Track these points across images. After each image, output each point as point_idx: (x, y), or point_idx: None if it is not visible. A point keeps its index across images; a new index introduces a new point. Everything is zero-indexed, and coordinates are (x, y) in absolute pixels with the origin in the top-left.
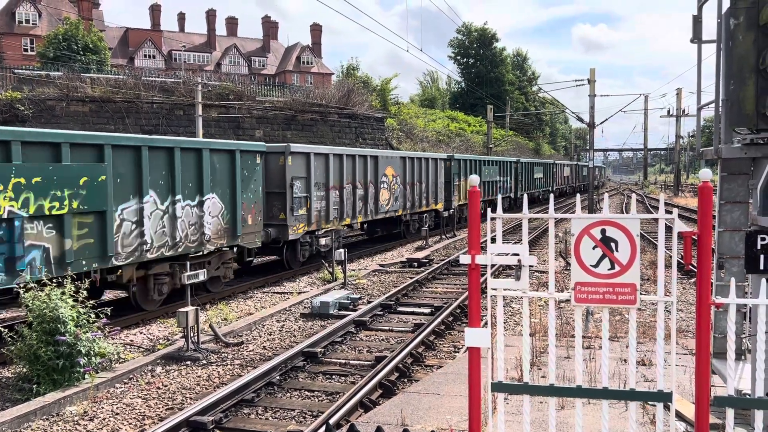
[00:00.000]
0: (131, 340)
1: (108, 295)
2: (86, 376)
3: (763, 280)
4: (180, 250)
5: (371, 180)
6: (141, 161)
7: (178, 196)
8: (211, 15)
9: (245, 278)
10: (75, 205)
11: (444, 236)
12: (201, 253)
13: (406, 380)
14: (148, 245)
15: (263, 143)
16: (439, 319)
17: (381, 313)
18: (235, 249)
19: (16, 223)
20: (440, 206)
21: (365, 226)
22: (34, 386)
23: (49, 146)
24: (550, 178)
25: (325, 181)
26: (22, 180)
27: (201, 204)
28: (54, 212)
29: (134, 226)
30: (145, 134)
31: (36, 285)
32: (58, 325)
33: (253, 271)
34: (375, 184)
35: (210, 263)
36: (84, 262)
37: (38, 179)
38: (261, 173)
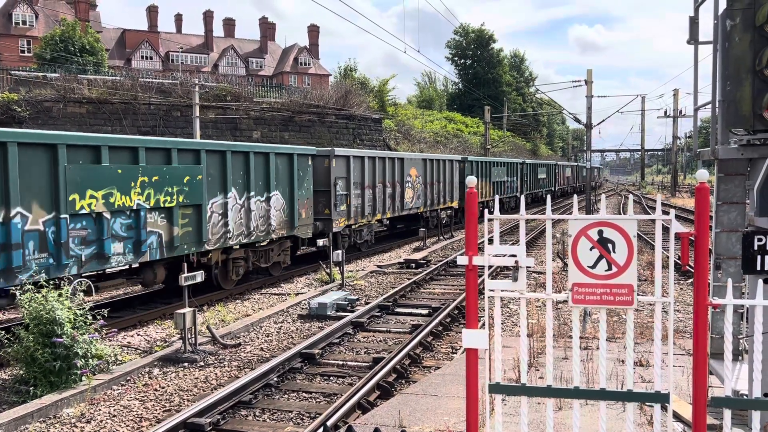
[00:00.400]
0: (128, 342)
1: (101, 295)
2: (83, 378)
3: (760, 280)
4: (252, 238)
5: (398, 180)
6: (226, 163)
7: (252, 193)
8: (208, 16)
9: (242, 280)
10: (180, 199)
11: (442, 237)
12: (267, 242)
13: (403, 381)
14: (230, 234)
15: (313, 148)
16: (436, 321)
17: (379, 314)
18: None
19: (142, 214)
20: (455, 204)
21: (389, 221)
22: (31, 388)
23: (163, 151)
24: (553, 179)
25: (361, 181)
26: (146, 178)
27: (268, 199)
28: (166, 205)
29: (220, 217)
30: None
31: (33, 287)
32: (55, 327)
33: (299, 260)
34: (401, 183)
35: (273, 250)
36: (185, 246)
37: (156, 178)
38: (311, 174)
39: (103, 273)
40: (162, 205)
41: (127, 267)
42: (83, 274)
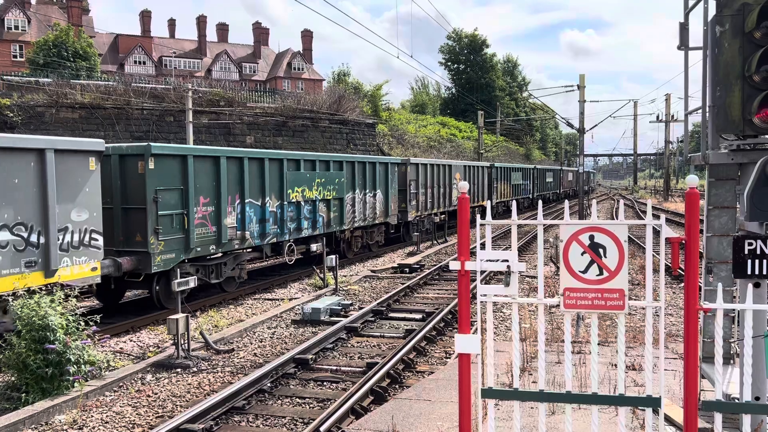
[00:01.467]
0: (121, 348)
1: (90, 299)
2: (75, 384)
3: (750, 285)
4: (365, 222)
5: (447, 182)
6: (354, 169)
7: (366, 190)
8: (201, 21)
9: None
10: (333, 194)
11: (436, 241)
12: (372, 225)
13: (397, 386)
14: (355, 218)
15: (398, 158)
16: (430, 325)
17: (372, 319)
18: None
19: (317, 203)
20: (485, 203)
21: (442, 214)
22: (23, 395)
23: (326, 162)
24: (558, 182)
25: (425, 182)
26: (319, 180)
27: (374, 195)
28: (327, 198)
29: (351, 207)
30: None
31: (26, 293)
32: (47, 333)
33: (389, 241)
34: (449, 185)
35: (374, 232)
36: (334, 226)
37: (323, 180)
38: (396, 177)
39: (298, 239)
40: (325, 198)
41: (308, 236)
42: (290, 240)
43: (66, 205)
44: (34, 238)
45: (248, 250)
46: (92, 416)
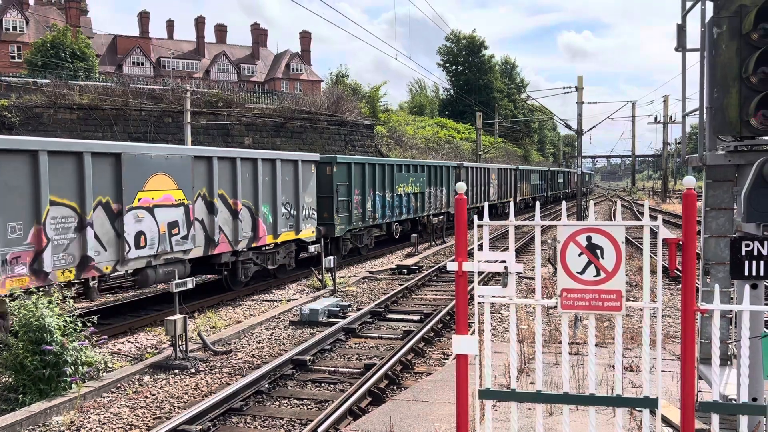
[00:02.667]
0: (119, 349)
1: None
2: (73, 385)
3: (746, 286)
4: (435, 211)
5: (485, 181)
6: (429, 171)
7: (436, 187)
8: (200, 22)
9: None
10: (417, 189)
11: (434, 242)
12: (439, 212)
13: (395, 387)
14: (429, 208)
15: (458, 162)
16: (428, 326)
17: (370, 320)
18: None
19: (410, 195)
20: (510, 199)
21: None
22: (20, 396)
23: (414, 166)
24: (566, 182)
25: (473, 181)
26: (412, 179)
27: (440, 191)
28: (414, 191)
29: (428, 198)
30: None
31: (24, 294)
32: (45, 334)
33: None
34: (487, 183)
35: (438, 220)
36: (417, 213)
37: (413, 179)
38: (454, 177)
39: (400, 220)
40: (413, 192)
41: (404, 219)
42: (395, 220)
43: (303, 193)
44: (294, 211)
45: (375, 226)
46: (90, 417)
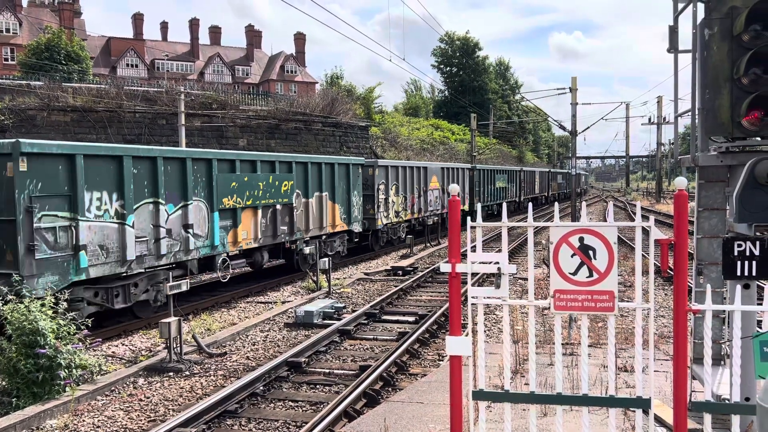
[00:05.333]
0: (113, 352)
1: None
2: (67, 388)
3: (738, 286)
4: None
5: (507, 181)
6: (448, 173)
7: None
8: (194, 24)
9: (229, 287)
10: (440, 187)
11: (429, 244)
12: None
13: (390, 389)
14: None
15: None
16: (423, 328)
17: (365, 321)
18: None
19: (439, 193)
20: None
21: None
22: (14, 400)
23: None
24: (566, 183)
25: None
26: (435, 177)
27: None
28: (439, 188)
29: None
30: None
31: (15, 297)
32: (38, 338)
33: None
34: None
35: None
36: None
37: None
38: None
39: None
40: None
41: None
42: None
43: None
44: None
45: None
46: (84, 421)
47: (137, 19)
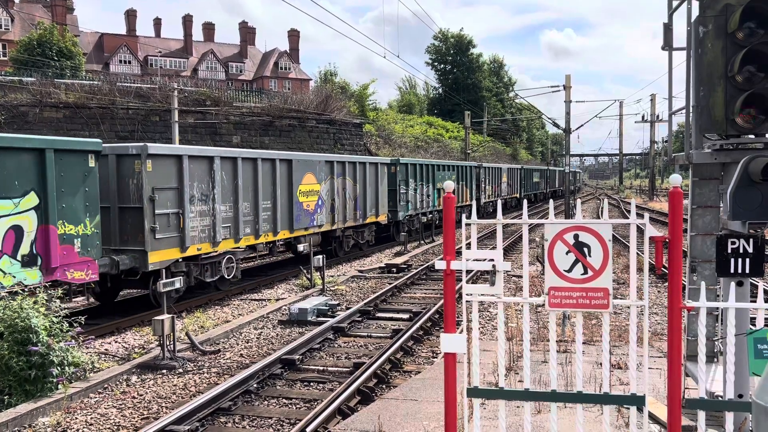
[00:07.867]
0: (106, 349)
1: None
2: (59, 386)
3: (732, 283)
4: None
5: (499, 179)
6: (458, 171)
7: (461, 182)
8: (187, 20)
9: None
10: (463, 183)
11: (423, 241)
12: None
13: (384, 386)
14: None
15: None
16: (417, 325)
17: (359, 319)
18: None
19: (437, 190)
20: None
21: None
22: (6, 397)
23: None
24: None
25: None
26: (449, 176)
27: (464, 186)
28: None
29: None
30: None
31: (8, 294)
32: (30, 335)
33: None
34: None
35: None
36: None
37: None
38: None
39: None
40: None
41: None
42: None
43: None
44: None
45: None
46: (76, 418)
47: (130, 16)
